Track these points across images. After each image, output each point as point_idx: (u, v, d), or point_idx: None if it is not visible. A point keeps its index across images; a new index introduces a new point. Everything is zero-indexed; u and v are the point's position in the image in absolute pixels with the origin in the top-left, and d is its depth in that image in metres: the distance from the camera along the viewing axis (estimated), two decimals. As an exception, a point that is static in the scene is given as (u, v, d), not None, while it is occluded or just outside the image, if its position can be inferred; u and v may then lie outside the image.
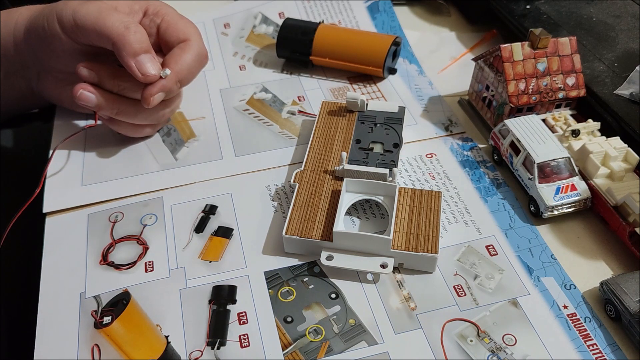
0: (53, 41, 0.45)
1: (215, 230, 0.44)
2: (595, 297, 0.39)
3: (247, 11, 0.66)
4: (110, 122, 0.48)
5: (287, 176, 0.48)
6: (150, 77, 0.44)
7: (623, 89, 0.49)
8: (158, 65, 0.44)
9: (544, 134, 0.45)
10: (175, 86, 0.46)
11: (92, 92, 0.44)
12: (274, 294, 0.40)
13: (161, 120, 0.51)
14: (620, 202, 0.41)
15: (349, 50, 0.56)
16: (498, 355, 0.36)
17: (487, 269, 0.41)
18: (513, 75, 0.48)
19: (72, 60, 0.46)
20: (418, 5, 0.69)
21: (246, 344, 0.37)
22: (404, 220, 0.41)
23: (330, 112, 0.51)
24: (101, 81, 0.45)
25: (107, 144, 0.51)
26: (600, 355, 0.36)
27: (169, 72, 0.45)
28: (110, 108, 0.46)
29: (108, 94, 0.45)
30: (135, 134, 0.50)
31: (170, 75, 0.45)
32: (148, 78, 0.44)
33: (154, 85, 0.44)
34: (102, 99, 0.45)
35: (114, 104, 0.46)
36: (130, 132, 0.49)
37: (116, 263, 0.42)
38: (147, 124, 0.50)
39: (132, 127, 0.49)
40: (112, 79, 0.45)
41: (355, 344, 0.37)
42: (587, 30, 0.56)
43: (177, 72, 0.45)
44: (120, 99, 0.46)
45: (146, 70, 0.43)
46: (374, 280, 0.40)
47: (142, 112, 0.47)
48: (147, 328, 0.38)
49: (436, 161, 0.49)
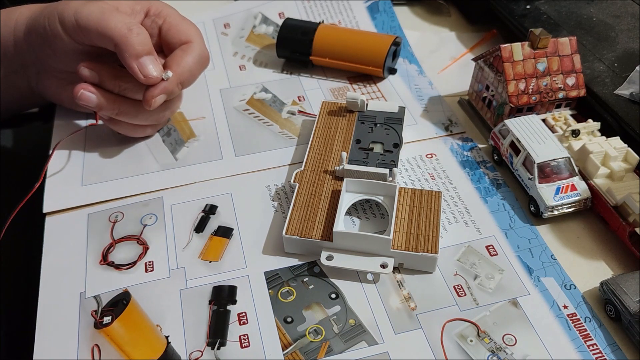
0: (54, 41, 0.45)
1: (215, 230, 0.44)
2: (595, 297, 0.39)
3: (247, 11, 0.66)
4: (110, 122, 0.48)
5: (287, 176, 0.48)
6: (152, 79, 0.44)
7: (623, 89, 0.49)
8: (160, 67, 0.44)
9: (544, 134, 0.45)
10: (176, 88, 0.46)
11: (93, 92, 0.44)
12: (274, 294, 0.40)
13: (161, 121, 0.51)
14: (620, 202, 0.41)
15: (349, 50, 0.56)
16: (498, 355, 0.36)
17: (487, 269, 0.41)
18: (513, 75, 0.48)
19: (73, 60, 0.46)
20: (418, 5, 0.69)
21: (246, 344, 0.37)
22: (404, 220, 0.41)
23: (330, 112, 0.51)
24: (102, 81, 0.45)
25: (107, 144, 0.51)
26: (600, 355, 0.36)
27: (170, 74, 0.45)
28: (111, 108, 0.46)
29: (109, 95, 0.45)
30: (135, 134, 0.50)
31: (172, 77, 0.45)
32: (150, 80, 0.44)
33: (155, 87, 0.44)
34: (102, 99, 0.45)
35: (115, 104, 0.46)
36: (130, 132, 0.49)
37: (116, 263, 0.42)
38: (148, 124, 0.50)
39: (133, 127, 0.49)
40: (113, 80, 0.45)
41: (355, 344, 0.37)
42: (587, 30, 0.56)
43: (178, 75, 0.45)
44: (121, 100, 0.46)
45: (148, 72, 0.43)
46: (374, 280, 0.40)
47: (143, 112, 0.47)
48: (147, 328, 0.38)
49: (436, 161, 0.49)
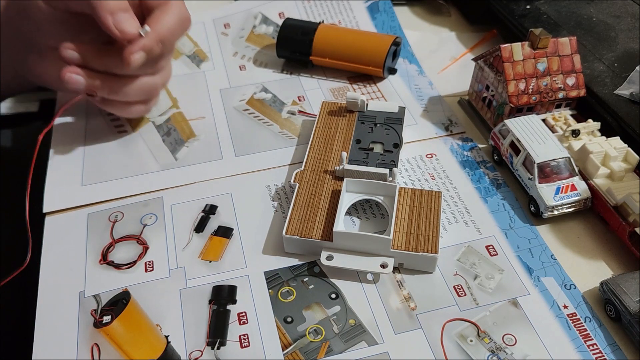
0: (31, 10, 0.44)
1: (215, 230, 0.44)
2: (595, 297, 0.39)
3: (247, 11, 0.66)
4: (101, 102, 0.47)
5: (287, 176, 0.48)
6: (128, 34, 0.42)
7: (623, 89, 0.49)
8: (137, 22, 0.43)
9: (544, 134, 0.45)
10: (156, 46, 0.44)
11: (80, 74, 0.44)
12: (274, 294, 0.40)
13: (153, 95, 0.50)
14: (620, 202, 0.41)
15: (349, 50, 0.56)
16: (498, 355, 0.36)
17: (487, 269, 0.41)
18: (513, 75, 0.48)
19: (53, 31, 0.45)
20: (418, 5, 0.69)
21: (246, 344, 0.37)
22: (404, 220, 0.41)
23: (330, 112, 0.51)
24: (86, 61, 0.44)
25: (107, 144, 0.51)
26: (600, 355, 0.36)
27: (148, 29, 0.43)
28: (101, 88, 0.45)
29: (96, 74, 0.45)
30: (128, 114, 0.49)
31: (150, 33, 0.43)
32: (126, 35, 0.42)
33: (133, 44, 0.43)
34: (90, 79, 0.44)
35: (104, 82, 0.45)
36: (123, 111, 0.49)
37: (116, 262, 0.42)
38: (139, 100, 0.49)
39: (125, 106, 0.48)
40: (97, 58, 0.44)
41: (355, 344, 0.37)
42: (587, 30, 0.56)
43: (157, 32, 0.44)
44: (109, 77, 0.45)
45: (124, 27, 0.42)
46: (374, 280, 0.40)
47: (132, 87, 0.46)
48: (147, 328, 0.38)
49: (436, 161, 0.49)
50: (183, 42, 0.63)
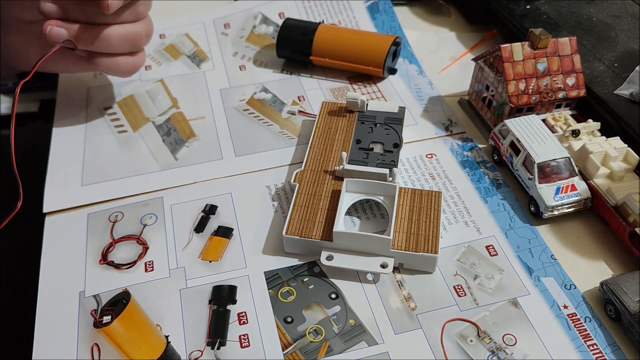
0: None
1: (215, 230, 0.44)
2: (595, 297, 0.39)
3: (247, 11, 0.66)
4: (89, 62, 0.47)
5: (287, 176, 0.48)
6: None
7: (623, 89, 0.49)
8: None
9: (544, 134, 0.45)
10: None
11: (61, 25, 0.44)
12: (274, 294, 0.40)
13: (137, 45, 0.49)
14: (620, 202, 0.41)
15: (349, 50, 0.56)
16: (498, 355, 0.36)
17: (487, 269, 0.41)
18: (513, 75, 0.48)
19: (32, 5, 0.45)
20: (418, 5, 0.69)
21: (246, 344, 0.37)
22: (404, 220, 0.41)
23: (330, 112, 0.51)
24: (66, 13, 0.44)
25: (107, 144, 0.51)
26: (600, 355, 0.36)
27: None
28: (84, 39, 0.45)
29: (77, 25, 0.45)
30: (117, 69, 0.49)
31: None
32: None
33: None
34: (72, 31, 0.44)
35: (85, 32, 0.45)
36: (112, 68, 0.48)
37: (116, 262, 0.42)
38: (125, 52, 0.48)
39: (113, 61, 0.48)
40: (76, 8, 0.44)
41: (355, 344, 0.37)
42: (587, 30, 0.56)
43: None
44: (90, 27, 0.45)
45: None
46: (374, 280, 0.40)
47: (114, 35, 0.46)
48: (147, 328, 0.38)
49: (436, 161, 0.49)
50: (183, 42, 0.63)
